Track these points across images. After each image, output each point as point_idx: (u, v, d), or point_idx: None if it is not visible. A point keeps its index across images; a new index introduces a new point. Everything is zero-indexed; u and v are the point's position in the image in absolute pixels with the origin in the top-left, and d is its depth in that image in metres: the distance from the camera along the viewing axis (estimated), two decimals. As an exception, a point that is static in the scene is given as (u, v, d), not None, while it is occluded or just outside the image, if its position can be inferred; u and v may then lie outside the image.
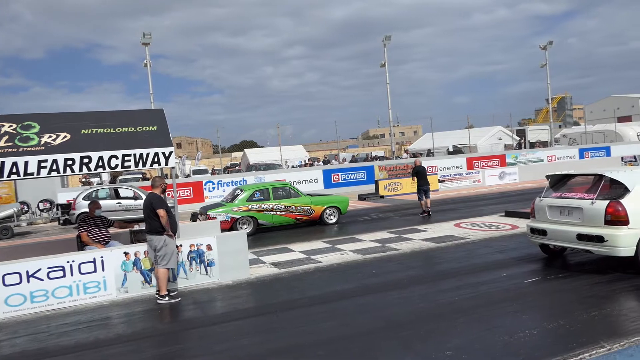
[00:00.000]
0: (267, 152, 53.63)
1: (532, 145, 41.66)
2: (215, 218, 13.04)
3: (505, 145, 42.54)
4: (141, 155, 7.76)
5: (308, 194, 14.92)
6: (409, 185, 22.13)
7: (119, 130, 8.04)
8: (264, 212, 13.50)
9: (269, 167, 34.61)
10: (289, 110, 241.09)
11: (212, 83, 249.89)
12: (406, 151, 48.86)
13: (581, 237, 7.19)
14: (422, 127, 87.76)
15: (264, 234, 13.31)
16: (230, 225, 13.15)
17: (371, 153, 50.95)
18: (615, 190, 7.21)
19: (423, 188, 14.98)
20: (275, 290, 7.65)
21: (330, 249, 10.27)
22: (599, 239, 6.95)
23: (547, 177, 8.52)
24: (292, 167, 39.45)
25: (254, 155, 53.94)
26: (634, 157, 28.88)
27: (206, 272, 8.05)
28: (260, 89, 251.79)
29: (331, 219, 14.41)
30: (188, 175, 34.20)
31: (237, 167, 45.85)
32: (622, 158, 28.55)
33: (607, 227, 6.92)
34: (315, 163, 43.09)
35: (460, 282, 7.19)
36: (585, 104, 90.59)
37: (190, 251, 7.97)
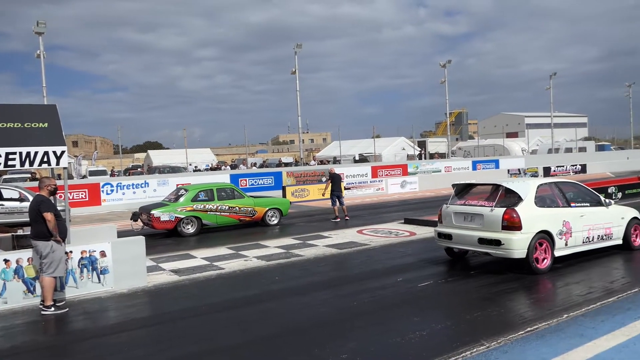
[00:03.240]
0: (172, 154, 51.76)
1: (432, 156, 44.23)
2: (159, 217, 12.89)
3: (407, 155, 44.73)
4: (28, 153, 7.20)
5: (251, 196, 15.04)
6: (316, 192, 22.51)
7: (3, 125, 7.36)
8: (208, 213, 13.54)
9: (173, 170, 33.41)
10: (199, 112, 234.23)
11: (115, 79, 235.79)
12: (314, 158, 49.61)
13: (482, 240, 7.83)
14: (331, 135, 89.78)
15: (163, 240, 12.83)
16: (174, 225, 13.11)
17: (280, 159, 51.08)
18: (510, 198, 7.93)
19: (335, 194, 15.37)
20: (174, 298, 7.40)
21: (234, 255, 10.14)
22: (497, 243, 7.62)
23: (453, 185, 9.13)
24: (199, 170, 38.43)
25: (158, 157, 51.84)
26: (519, 170, 31.74)
27: (99, 280, 7.59)
28: (168, 88, 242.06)
29: (273, 220, 14.70)
30: (84, 177, 32.05)
31: (139, 169, 43.75)
32: (508, 170, 31.23)
33: (503, 232, 7.60)
34: (223, 167, 42.35)
35: (359, 287, 7.44)
36: (479, 120, 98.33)
37: (82, 258, 7.47)
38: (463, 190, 8.89)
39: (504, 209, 7.69)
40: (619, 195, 16.70)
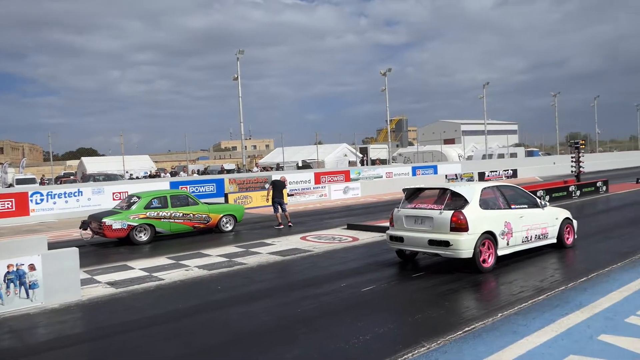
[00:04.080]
0: (108, 161, 49.58)
1: (373, 162, 45.03)
2: (110, 226, 12.57)
3: (349, 161, 45.32)
4: (-54, 162, 6.67)
5: (205, 203, 14.91)
6: (259, 199, 22.31)
7: None
8: (162, 220, 13.34)
9: (109, 177, 32.08)
10: (137, 118, 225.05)
11: (46, 83, 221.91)
12: (257, 164, 49.27)
13: (432, 242, 8.11)
14: (274, 141, 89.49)
15: (100, 251, 12.29)
16: (127, 233, 12.83)
17: (222, 165, 50.26)
18: (457, 201, 8.27)
19: (276, 200, 15.32)
20: (110, 311, 7.08)
21: (174, 265, 9.86)
22: (446, 244, 7.92)
23: (404, 190, 9.37)
24: (137, 178, 37.13)
25: (92, 165, 49.50)
26: (456, 175, 32.95)
27: (27, 295, 7.13)
28: (104, 93, 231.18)
29: (227, 227, 14.65)
30: (10, 185, 30.14)
31: (71, 177, 41.68)
32: (446, 176, 32.33)
33: (452, 233, 7.92)
34: (162, 174, 41.13)
35: (304, 294, 7.44)
36: (419, 127, 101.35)
37: (8, 272, 7.00)
38: (413, 194, 9.16)
39: (452, 211, 8.01)
40: (547, 198, 17.69)
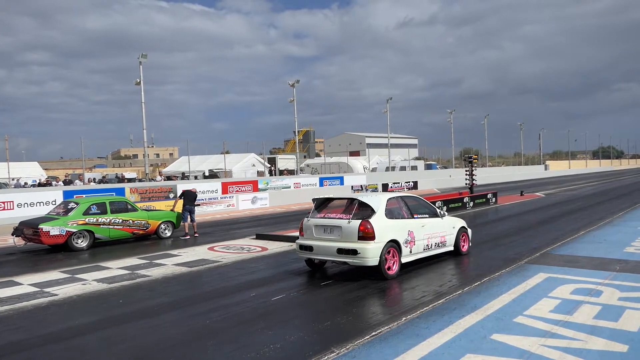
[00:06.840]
0: (-10, 167, 45.00)
1: (281, 172, 45.25)
2: (48, 232, 12.37)
3: (258, 171, 45.12)
4: None
5: (144, 209, 15.22)
6: (163, 209, 21.45)
7: None
8: (101, 226, 13.39)
9: (-8, 185, 29.11)
10: (25, 122, 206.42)
11: None
12: (160, 173, 47.36)
13: (340, 251, 8.27)
14: (178, 150, 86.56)
15: (44, 256, 11.10)
16: (65, 240, 12.69)
17: (122, 174, 47.66)
18: (365, 211, 8.53)
19: (187, 208, 15.06)
20: (-6, 332, 6.42)
21: (70, 279, 9.17)
22: (354, 252, 8.13)
23: (313, 200, 9.49)
24: (23, 186, 34.04)
25: (-29, 171, 44.62)
26: (361, 186, 34.06)
27: None
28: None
29: (166, 233, 14.92)
30: None
31: (-55, 185, 37.19)
32: (352, 187, 33.31)
33: (359, 242, 8.16)
34: (54, 183, 38.09)
35: (212, 305, 7.27)
36: (325, 139, 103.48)
37: None
38: (322, 204, 9.32)
39: (360, 220, 8.26)
40: (445, 208, 18.88)
